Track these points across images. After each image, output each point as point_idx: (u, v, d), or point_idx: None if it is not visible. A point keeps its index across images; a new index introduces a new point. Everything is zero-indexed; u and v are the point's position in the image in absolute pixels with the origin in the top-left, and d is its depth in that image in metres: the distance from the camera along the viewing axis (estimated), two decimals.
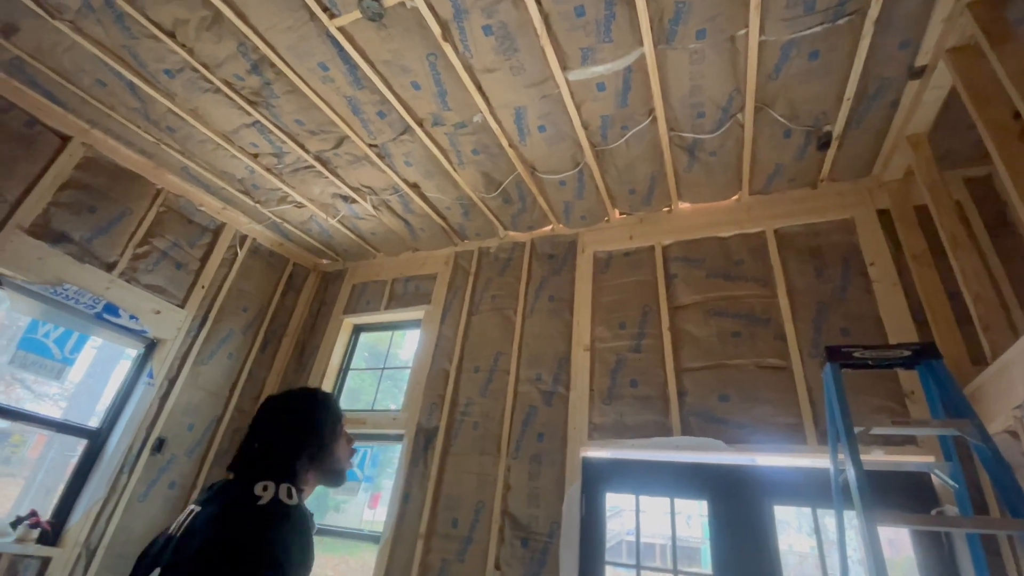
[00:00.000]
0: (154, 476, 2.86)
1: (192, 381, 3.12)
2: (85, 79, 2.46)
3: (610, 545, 2.28)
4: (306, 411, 1.13)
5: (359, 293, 3.81)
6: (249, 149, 2.82)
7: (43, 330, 2.66)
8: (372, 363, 3.80)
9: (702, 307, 2.53)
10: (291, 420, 1.10)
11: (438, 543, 2.51)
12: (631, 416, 2.41)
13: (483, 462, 2.62)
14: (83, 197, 2.75)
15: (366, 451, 3.32)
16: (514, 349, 2.87)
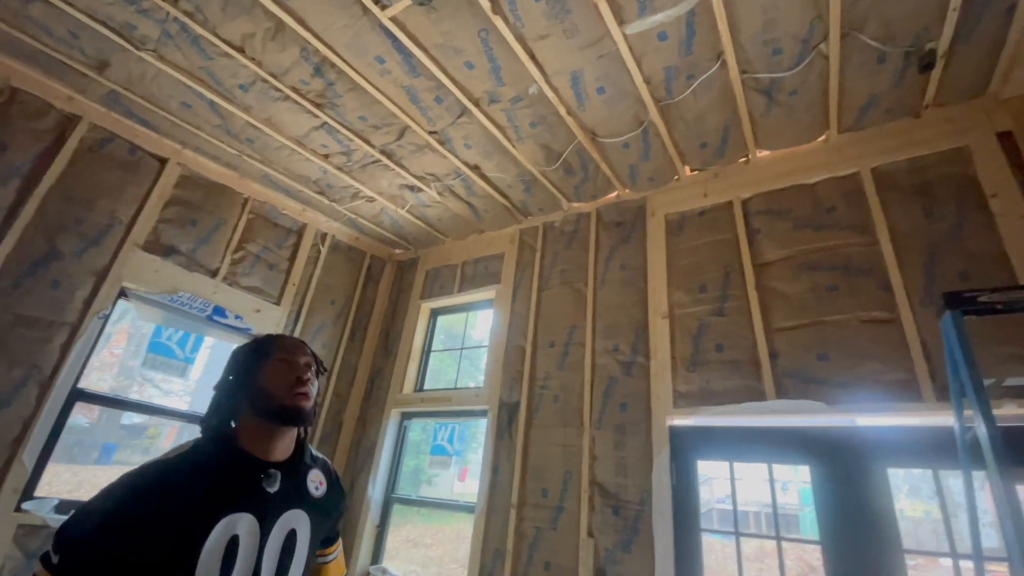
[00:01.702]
0: None
1: None
2: (172, 103, 2.68)
3: (701, 513, 2.24)
4: (226, 367, 1.13)
5: (432, 278, 3.93)
6: (320, 151, 2.97)
7: (166, 334, 3.00)
8: (450, 344, 3.93)
9: (791, 262, 2.35)
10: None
11: (530, 512, 2.59)
12: (718, 382, 2.32)
13: (567, 434, 2.65)
14: (184, 212, 3.03)
15: (453, 426, 3.46)
16: (588, 321, 2.84)
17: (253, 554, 0.93)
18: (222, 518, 0.91)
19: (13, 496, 2.21)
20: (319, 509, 1.08)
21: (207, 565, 0.87)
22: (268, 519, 0.97)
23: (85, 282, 2.59)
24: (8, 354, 2.30)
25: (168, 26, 2.22)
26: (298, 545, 1.01)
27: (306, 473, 1.10)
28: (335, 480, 1.18)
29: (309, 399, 1.07)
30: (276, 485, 1.01)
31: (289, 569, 0.98)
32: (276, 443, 1.05)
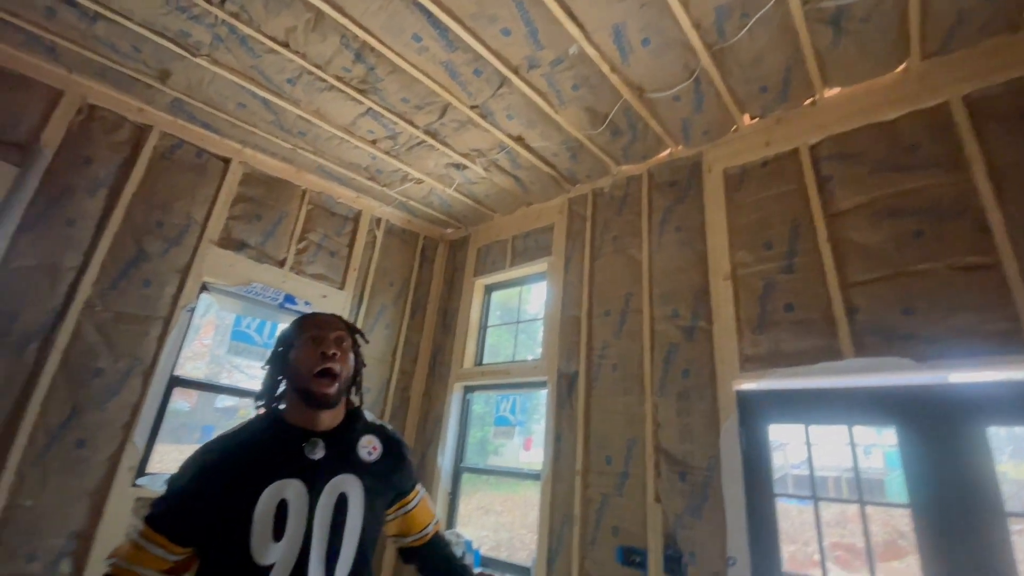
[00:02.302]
0: None
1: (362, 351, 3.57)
2: (229, 105, 2.82)
3: (776, 479, 2.16)
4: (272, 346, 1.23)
5: (484, 255, 3.96)
6: (367, 137, 3.03)
7: (245, 323, 3.24)
8: (506, 319, 3.98)
9: (868, 209, 2.15)
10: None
11: (595, 479, 2.61)
12: (789, 343, 2.20)
13: (628, 402, 2.63)
14: (250, 208, 3.22)
15: (514, 398, 3.53)
16: (644, 288, 2.76)
17: (303, 516, 0.99)
18: (269, 485, 0.99)
19: (129, 473, 2.50)
20: (373, 472, 1.13)
21: (260, 526, 0.96)
22: (316, 484, 1.03)
23: (171, 279, 2.82)
24: (113, 348, 2.57)
25: (218, 29, 2.31)
26: (350, 507, 1.06)
27: (356, 440, 1.15)
28: (392, 443, 1.22)
29: (337, 377, 1.10)
30: (320, 452, 1.06)
31: (343, 529, 1.04)
32: (318, 414, 1.10)
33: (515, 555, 3.57)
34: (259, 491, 0.98)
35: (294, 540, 0.97)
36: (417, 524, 1.24)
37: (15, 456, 2.22)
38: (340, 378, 1.11)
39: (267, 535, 0.96)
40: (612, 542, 2.44)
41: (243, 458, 1.02)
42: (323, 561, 0.99)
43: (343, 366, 1.12)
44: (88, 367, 2.49)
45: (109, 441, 2.48)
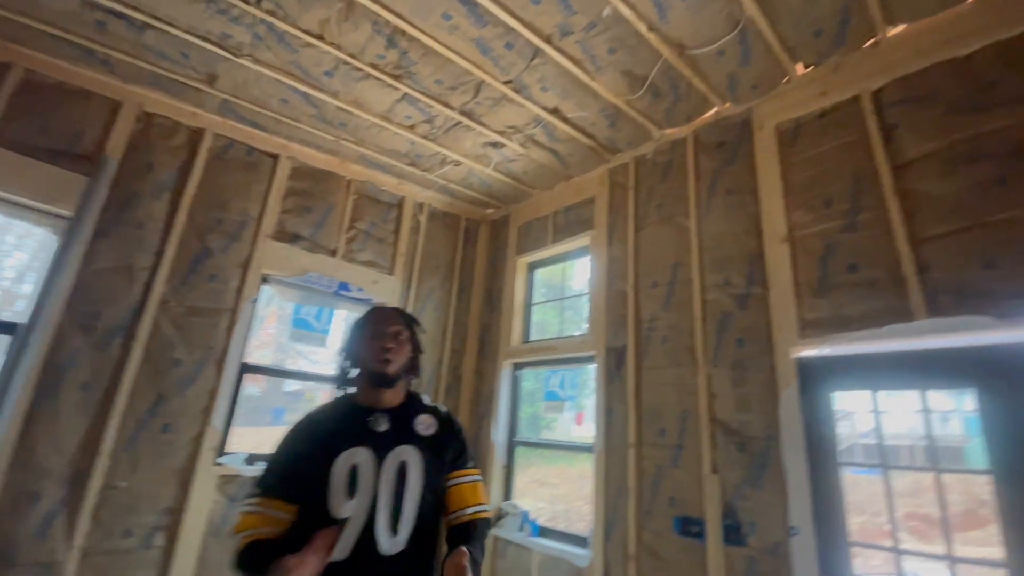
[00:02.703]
0: None
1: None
2: (273, 102, 2.92)
3: (841, 449, 2.07)
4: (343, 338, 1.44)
5: (525, 233, 3.95)
6: (405, 122, 3.06)
7: (304, 311, 3.41)
8: (550, 295, 3.98)
9: (941, 156, 1.97)
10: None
11: (649, 451, 2.60)
12: (853, 306, 2.07)
13: (680, 373, 2.58)
14: (300, 201, 3.35)
15: (563, 373, 3.54)
16: (693, 257, 2.67)
17: (371, 477, 1.18)
18: (343, 451, 1.18)
19: (211, 454, 2.72)
20: (428, 445, 1.29)
21: (337, 484, 1.15)
22: (381, 451, 1.22)
23: (234, 273, 3.00)
24: (188, 340, 2.78)
25: (256, 28, 2.38)
26: (410, 473, 1.22)
27: (414, 417, 1.33)
28: (446, 422, 1.37)
29: (392, 361, 1.30)
30: (384, 426, 1.26)
31: (404, 490, 1.20)
32: (381, 395, 1.31)
33: (572, 526, 3.64)
34: (335, 456, 1.17)
35: (364, 498, 1.15)
36: (456, 501, 1.31)
37: (108, 442, 2.46)
38: (397, 363, 1.31)
39: (342, 493, 1.14)
40: (669, 512, 2.43)
41: (324, 429, 1.23)
42: (389, 518, 1.15)
43: (399, 355, 1.31)
44: (167, 358, 2.70)
45: (191, 425, 2.71)
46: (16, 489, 2.25)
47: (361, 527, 1.12)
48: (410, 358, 1.36)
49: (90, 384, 2.48)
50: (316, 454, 1.17)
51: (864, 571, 4.65)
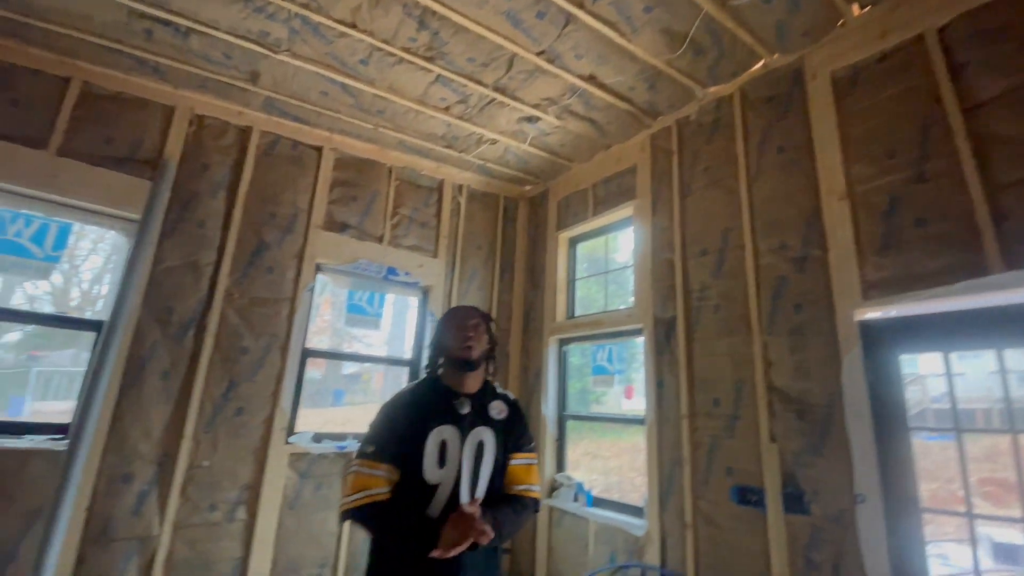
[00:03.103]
0: None
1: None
2: (313, 95, 2.99)
3: (911, 414, 1.97)
4: (433, 332, 1.63)
5: (565, 208, 3.91)
6: (440, 105, 3.06)
7: (357, 296, 3.54)
8: (593, 270, 3.94)
9: (1017, 95, 1.78)
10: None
11: (703, 421, 2.56)
12: (922, 262, 1.94)
13: (733, 343, 2.51)
14: (346, 191, 3.45)
15: (610, 347, 3.53)
16: (744, 221, 2.57)
17: (457, 451, 1.38)
18: (434, 427, 1.38)
19: (282, 433, 2.91)
20: (500, 428, 1.49)
21: (430, 454, 1.36)
22: (464, 430, 1.41)
23: (290, 264, 3.14)
24: (253, 329, 2.95)
25: (292, 23, 2.43)
26: (486, 450, 1.43)
27: (489, 402, 1.52)
28: (515, 408, 1.57)
29: (474, 348, 1.48)
30: (467, 408, 1.45)
31: (481, 464, 1.42)
32: (464, 380, 1.49)
33: (626, 496, 3.67)
34: (428, 431, 1.37)
35: (451, 467, 1.37)
36: (510, 478, 1.49)
37: (190, 425, 2.68)
38: (477, 349, 1.50)
39: (433, 462, 1.36)
40: (726, 482, 2.41)
41: (417, 405, 1.44)
42: (469, 485, 1.37)
43: (479, 343, 1.50)
44: (236, 346, 2.89)
45: (262, 407, 2.90)
46: (111, 472, 2.49)
47: (449, 492, 1.35)
48: (488, 348, 1.54)
49: (169, 373, 2.70)
50: (413, 427, 1.38)
51: (936, 538, 4.47)
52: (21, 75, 2.59)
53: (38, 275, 2.65)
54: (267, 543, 2.76)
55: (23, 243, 2.55)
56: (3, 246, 2.51)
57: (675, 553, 2.55)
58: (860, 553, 1.91)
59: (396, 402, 1.46)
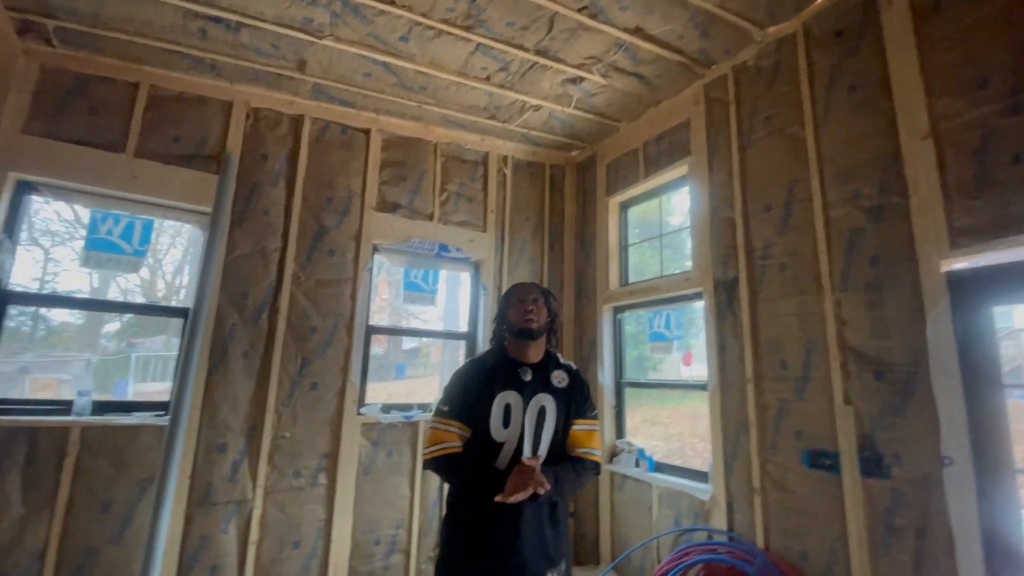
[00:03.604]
0: None
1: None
2: (357, 77, 3.03)
3: (1005, 371, 1.80)
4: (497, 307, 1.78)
5: (614, 171, 3.79)
6: (480, 74, 3.02)
7: (412, 274, 3.64)
8: (647, 234, 3.82)
9: None
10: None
11: (770, 385, 2.47)
12: (1019, 204, 1.74)
13: (802, 302, 2.38)
14: (395, 172, 3.51)
15: (667, 313, 3.44)
16: (812, 170, 2.39)
17: (520, 415, 1.52)
18: (499, 393, 1.53)
19: (353, 405, 3.09)
20: (561, 395, 1.59)
21: (495, 417, 1.51)
22: (526, 396, 1.54)
23: (349, 246, 3.27)
24: (321, 308, 3.12)
25: (333, 6, 2.46)
26: (547, 416, 1.55)
27: (551, 371, 1.62)
28: (576, 377, 1.67)
29: (534, 320, 1.59)
30: (528, 376, 1.58)
31: (543, 428, 1.54)
32: (527, 351, 1.61)
33: (688, 462, 3.64)
34: (493, 395, 1.53)
35: (514, 429, 1.51)
36: (571, 442, 1.59)
37: (271, 400, 2.90)
38: (537, 321, 1.60)
39: (499, 423, 1.51)
40: (796, 446, 2.33)
41: (485, 372, 1.59)
42: (531, 444, 1.51)
43: (539, 315, 1.61)
44: (306, 326, 3.07)
45: (333, 382, 3.08)
46: (208, 443, 2.75)
47: (513, 449, 1.50)
48: (548, 320, 1.64)
49: (249, 353, 2.91)
50: (481, 392, 1.54)
51: None
52: (96, 84, 2.79)
53: (129, 269, 2.91)
54: (347, 506, 2.98)
55: (114, 240, 2.81)
56: (98, 244, 2.78)
57: (743, 517, 2.52)
58: (948, 517, 1.80)
59: (467, 369, 1.63)
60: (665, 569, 2.59)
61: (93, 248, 2.77)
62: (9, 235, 2.52)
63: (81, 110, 2.73)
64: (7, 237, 2.50)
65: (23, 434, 2.40)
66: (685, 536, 2.79)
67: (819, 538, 2.19)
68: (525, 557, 1.43)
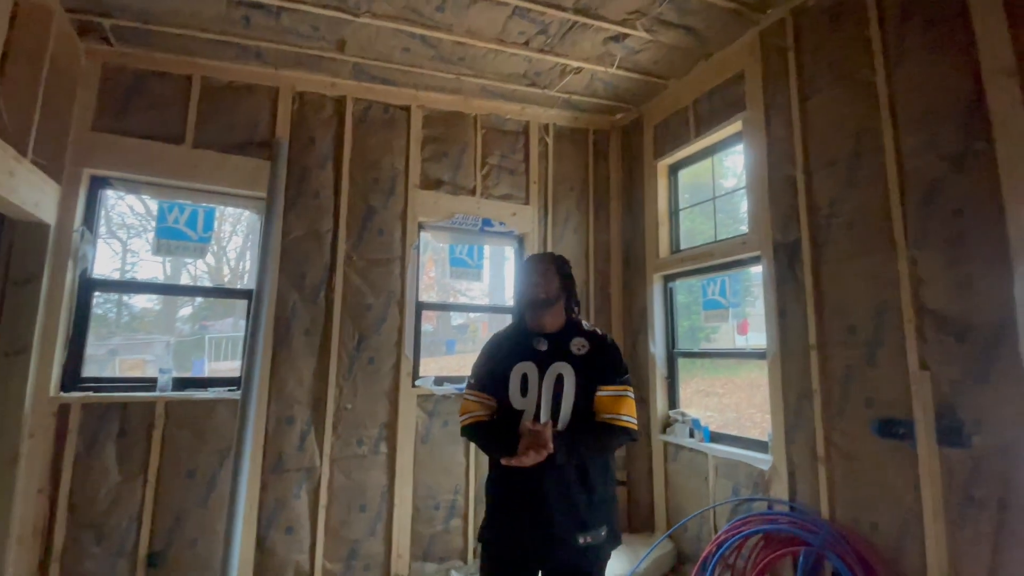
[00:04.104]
0: None
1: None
2: (395, 53, 3.02)
3: None
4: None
5: (662, 133, 3.63)
6: (519, 40, 2.94)
7: (458, 250, 3.68)
8: (698, 197, 3.65)
9: None
10: None
11: (836, 350, 2.34)
12: None
13: (872, 263, 2.22)
14: (436, 148, 3.51)
15: (722, 279, 3.30)
16: (883, 117, 2.18)
17: (536, 384, 1.55)
18: (516, 364, 1.59)
19: (408, 378, 3.20)
20: (580, 362, 1.58)
21: (513, 386, 1.57)
22: (542, 366, 1.57)
23: (396, 225, 3.33)
24: (373, 287, 3.22)
25: None
26: (565, 383, 1.54)
27: (570, 339, 1.62)
28: (599, 343, 1.63)
29: (540, 289, 1.62)
30: (544, 346, 1.61)
31: (561, 397, 1.54)
32: (542, 320, 1.64)
33: (745, 432, 3.55)
34: (511, 366, 1.59)
35: (531, 397, 1.55)
36: (598, 408, 1.57)
37: (332, 374, 3.04)
38: (546, 289, 1.62)
39: (517, 392, 1.56)
40: (865, 414, 2.21)
41: (504, 346, 1.68)
42: (548, 411, 1.53)
43: (547, 284, 1.63)
44: (361, 304, 3.18)
45: (388, 356, 3.19)
46: (278, 415, 2.93)
47: (532, 416, 1.54)
48: (560, 287, 1.65)
49: (310, 330, 3.06)
50: (501, 364, 1.62)
51: None
52: (153, 80, 2.92)
53: (196, 254, 3.09)
54: (407, 473, 3.12)
55: (181, 228, 2.98)
56: (167, 232, 2.96)
57: (806, 487, 2.44)
58: None
59: (490, 343, 1.74)
60: (723, 538, 2.56)
61: (163, 236, 2.96)
62: (88, 227, 2.73)
63: (142, 105, 2.88)
64: (86, 229, 2.71)
65: (115, 409, 2.65)
66: (744, 506, 2.74)
67: (890, 509, 2.09)
68: (552, 519, 1.45)
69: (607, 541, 1.52)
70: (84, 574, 2.50)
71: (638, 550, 3.05)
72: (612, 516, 1.55)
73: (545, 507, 1.46)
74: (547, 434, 1.38)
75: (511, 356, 1.61)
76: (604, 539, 1.50)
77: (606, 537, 1.51)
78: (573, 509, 1.46)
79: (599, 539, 1.49)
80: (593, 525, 1.48)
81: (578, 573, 1.49)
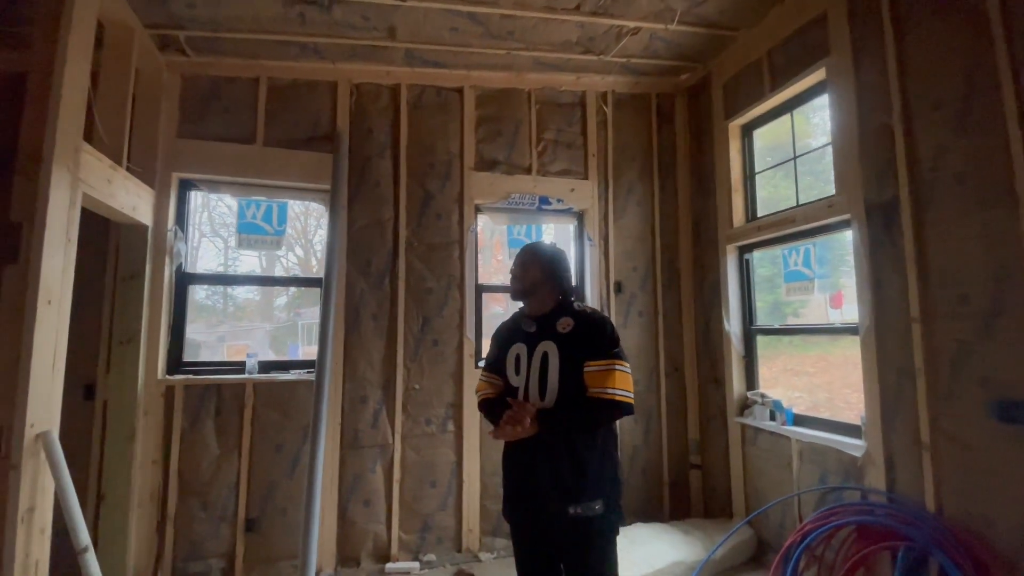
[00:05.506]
0: (625, 309, 3.57)
1: (619, 234, 3.62)
2: (444, 35, 2.99)
3: None
4: None
5: (733, 90, 3.32)
6: (569, 4, 2.79)
7: (515, 231, 3.64)
8: (776, 159, 3.31)
9: None
10: None
11: (943, 324, 2.04)
12: None
13: (986, 219, 1.89)
14: (490, 128, 3.47)
15: (806, 248, 2.99)
16: (1000, 50, 1.83)
17: (526, 363, 1.66)
18: (512, 345, 1.73)
19: (471, 359, 3.25)
20: (564, 340, 1.62)
21: (510, 366, 1.70)
22: (530, 346, 1.67)
23: (453, 208, 3.35)
24: (433, 271, 3.27)
25: None
26: (550, 361, 1.61)
27: (556, 320, 1.67)
28: (584, 321, 1.65)
29: (518, 281, 1.74)
30: (532, 327, 1.70)
31: (547, 374, 1.60)
32: (530, 306, 1.74)
33: (838, 414, 3.23)
34: (508, 347, 1.74)
35: (524, 375, 1.66)
36: (587, 382, 1.58)
37: (400, 356, 3.15)
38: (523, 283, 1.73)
39: (512, 371, 1.70)
40: (979, 395, 1.91)
41: (505, 330, 1.83)
42: (537, 387, 1.62)
43: (524, 278, 1.73)
44: (423, 288, 3.25)
45: (452, 338, 3.25)
46: (352, 395, 3.10)
47: (523, 392, 1.64)
48: (541, 276, 1.70)
49: (377, 315, 3.18)
50: (502, 347, 1.78)
51: None
52: (224, 85, 3.13)
53: (273, 247, 3.31)
54: (474, 450, 3.19)
55: (258, 223, 3.20)
56: (247, 227, 3.19)
57: (907, 476, 2.17)
58: None
59: (497, 329, 1.89)
60: (809, 528, 2.36)
61: (243, 231, 3.19)
62: (180, 226, 3.00)
63: (218, 110, 3.10)
64: (179, 228, 2.98)
65: (212, 390, 2.93)
66: (834, 495, 2.51)
67: (1009, 502, 1.81)
68: (541, 490, 1.55)
69: (603, 515, 1.52)
70: (194, 536, 2.82)
71: (714, 535, 2.91)
72: (610, 492, 1.57)
73: (533, 479, 1.57)
74: (523, 410, 1.50)
75: (509, 339, 1.76)
76: (598, 512, 1.52)
77: (601, 511, 1.52)
78: (561, 481, 1.53)
79: (591, 511, 1.51)
80: (584, 498, 1.51)
81: (574, 544, 1.53)
